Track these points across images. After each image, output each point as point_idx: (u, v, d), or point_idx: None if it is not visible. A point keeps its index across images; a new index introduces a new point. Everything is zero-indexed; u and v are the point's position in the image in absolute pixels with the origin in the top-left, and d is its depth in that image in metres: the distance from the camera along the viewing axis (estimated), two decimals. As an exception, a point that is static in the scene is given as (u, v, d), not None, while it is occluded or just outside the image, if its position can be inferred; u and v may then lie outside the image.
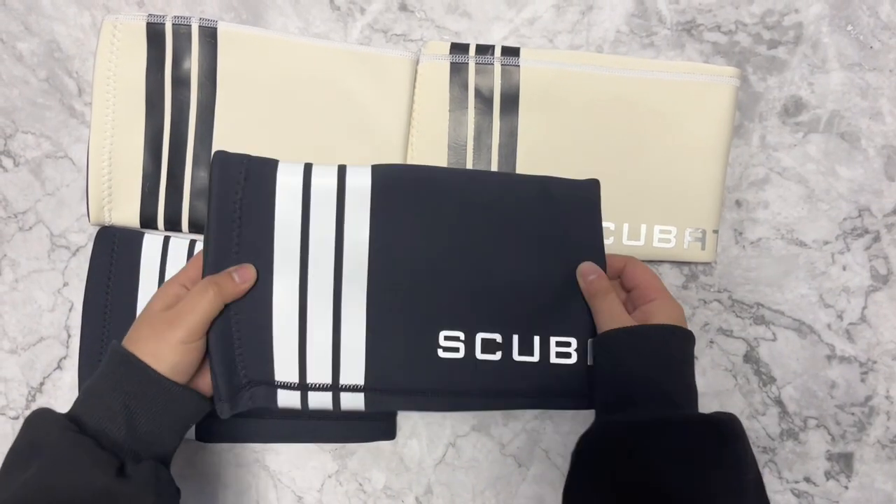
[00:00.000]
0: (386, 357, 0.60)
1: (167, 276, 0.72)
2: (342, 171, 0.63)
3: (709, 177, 0.72)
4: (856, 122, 0.75)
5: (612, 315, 0.60)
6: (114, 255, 0.72)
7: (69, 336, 0.74)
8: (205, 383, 0.60)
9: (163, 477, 0.54)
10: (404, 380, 0.61)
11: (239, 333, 0.59)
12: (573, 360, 0.62)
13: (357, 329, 0.60)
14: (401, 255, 0.62)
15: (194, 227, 0.73)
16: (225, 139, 0.72)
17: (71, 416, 0.54)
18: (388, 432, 0.74)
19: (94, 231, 0.73)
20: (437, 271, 0.62)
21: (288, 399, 0.60)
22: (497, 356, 0.61)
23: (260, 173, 0.62)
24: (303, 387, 0.60)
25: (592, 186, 0.67)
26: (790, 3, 0.75)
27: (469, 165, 0.73)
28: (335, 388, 0.60)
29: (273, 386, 0.60)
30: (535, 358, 0.61)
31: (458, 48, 0.72)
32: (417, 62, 0.73)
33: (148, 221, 0.72)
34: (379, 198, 0.62)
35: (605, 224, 0.72)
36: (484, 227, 0.63)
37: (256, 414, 0.72)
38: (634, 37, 0.75)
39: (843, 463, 0.75)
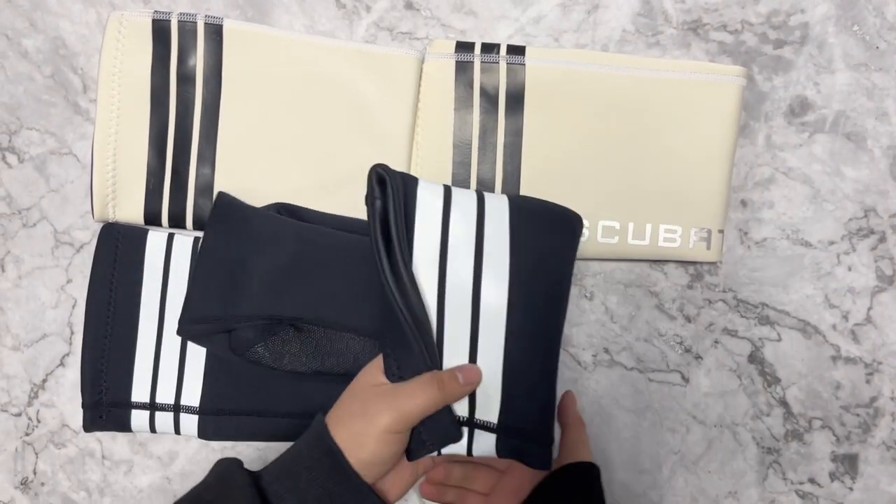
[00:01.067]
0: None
1: (171, 274, 0.72)
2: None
3: (714, 176, 0.72)
4: (862, 122, 0.75)
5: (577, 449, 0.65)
6: (118, 251, 0.72)
7: (72, 333, 0.74)
8: (391, 486, 0.60)
9: None
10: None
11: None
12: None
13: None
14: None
15: (198, 225, 0.72)
16: (229, 136, 0.72)
17: (261, 489, 0.54)
18: None
19: (97, 228, 0.73)
20: None
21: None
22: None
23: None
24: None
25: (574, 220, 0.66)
26: (796, 3, 0.75)
27: (474, 164, 0.72)
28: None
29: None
30: None
31: (464, 47, 0.72)
32: (423, 61, 0.73)
33: (152, 218, 0.72)
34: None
35: (610, 223, 0.72)
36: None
37: (259, 412, 0.71)
38: (640, 36, 0.75)
39: (848, 464, 0.75)
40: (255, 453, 0.74)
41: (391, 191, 0.58)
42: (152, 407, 0.71)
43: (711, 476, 0.75)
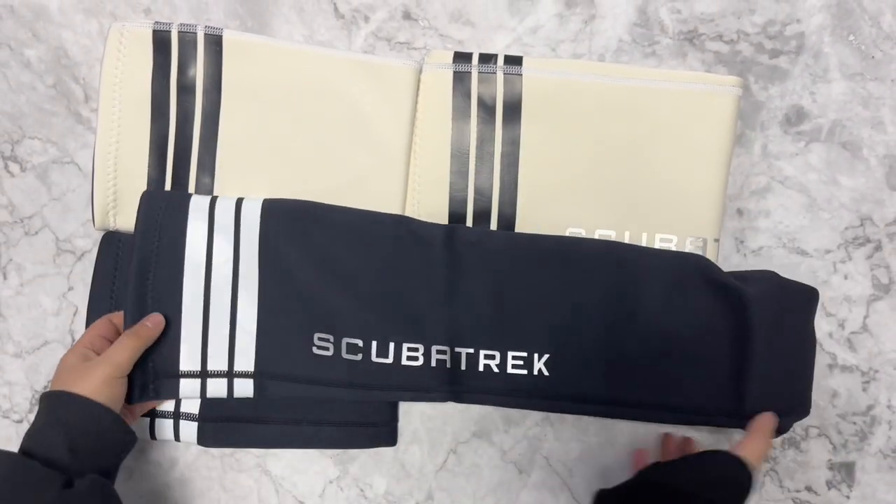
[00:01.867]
0: (272, 349, 0.69)
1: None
2: (238, 204, 0.71)
3: (710, 185, 0.72)
4: (857, 131, 0.75)
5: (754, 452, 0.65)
6: (118, 259, 0.72)
7: (73, 340, 0.75)
8: (132, 418, 0.69)
9: (106, 487, 0.61)
10: (284, 369, 0.69)
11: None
12: (418, 362, 0.70)
13: (250, 325, 0.69)
14: (285, 268, 0.70)
15: (198, 233, 0.73)
16: (229, 146, 0.72)
17: (26, 453, 0.60)
18: (390, 439, 0.74)
19: (99, 236, 0.73)
20: (316, 285, 0.70)
21: (188, 388, 0.69)
22: (358, 357, 0.69)
23: (174, 219, 0.70)
24: (203, 374, 0.69)
25: None
26: (792, 13, 0.75)
27: (471, 174, 0.73)
28: (230, 374, 0.69)
29: (176, 377, 0.69)
30: (389, 360, 0.70)
31: (461, 57, 0.73)
32: (420, 71, 0.73)
33: (152, 227, 0.73)
34: (266, 228, 0.70)
35: (606, 232, 0.73)
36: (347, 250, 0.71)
37: (258, 419, 0.72)
38: (637, 46, 0.75)
39: (845, 472, 0.75)
40: (254, 459, 0.75)
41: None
42: (152, 414, 0.72)
43: (708, 484, 0.75)
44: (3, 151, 0.75)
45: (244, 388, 0.69)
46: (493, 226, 0.73)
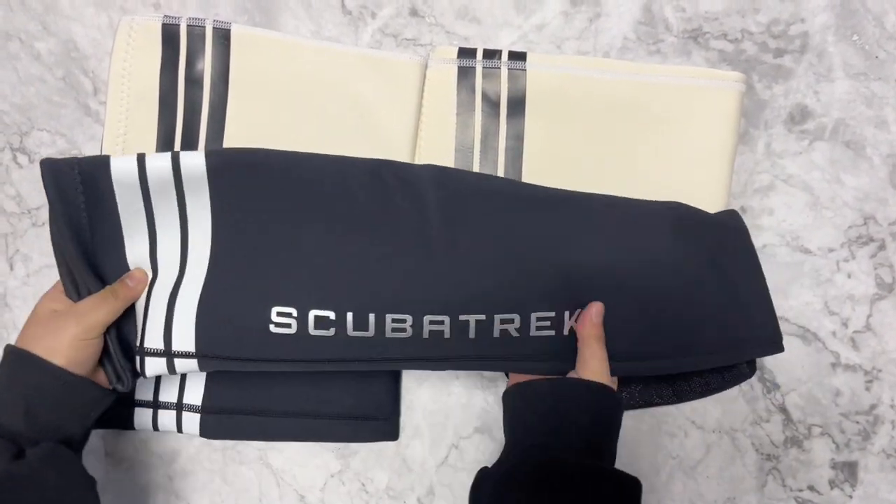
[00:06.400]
0: (215, 329, 0.62)
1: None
2: (175, 157, 0.62)
3: (714, 181, 0.73)
4: (861, 130, 0.76)
5: (595, 366, 0.62)
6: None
7: (78, 331, 0.75)
8: (104, 378, 0.63)
9: (63, 455, 0.57)
10: (231, 351, 0.62)
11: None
12: (405, 334, 0.62)
13: (191, 301, 0.62)
14: (240, 235, 0.64)
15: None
16: (235, 139, 0.73)
17: None
18: (392, 433, 0.74)
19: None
20: (279, 250, 0.63)
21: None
22: (331, 332, 0.62)
23: (93, 176, 0.61)
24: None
25: None
26: (796, 12, 0.76)
27: (476, 168, 0.73)
28: (168, 353, 0.62)
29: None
30: (370, 333, 0.62)
31: (466, 52, 0.74)
32: (426, 66, 0.74)
33: (158, 218, 0.73)
34: (216, 181, 0.63)
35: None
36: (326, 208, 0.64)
37: (261, 411, 0.72)
38: (641, 44, 0.76)
39: (848, 472, 0.75)
40: (255, 452, 0.75)
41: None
42: (155, 405, 0.72)
43: (710, 481, 0.75)
44: (11, 143, 0.76)
45: (186, 367, 0.62)
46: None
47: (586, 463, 0.57)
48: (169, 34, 0.72)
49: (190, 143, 0.73)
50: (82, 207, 0.61)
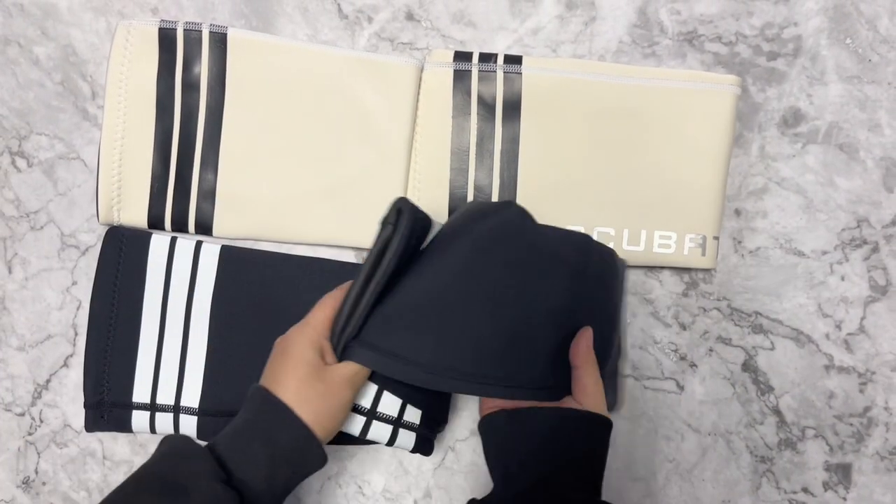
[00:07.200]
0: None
1: (173, 276, 0.73)
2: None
3: (710, 182, 0.73)
4: (854, 133, 0.76)
5: (591, 393, 0.61)
6: (121, 255, 0.73)
7: (76, 334, 0.76)
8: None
9: None
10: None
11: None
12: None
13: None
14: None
15: (200, 229, 0.74)
16: (232, 142, 0.73)
17: (217, 456, 0.55)
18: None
19: (103, 231, 0.74)
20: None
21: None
22: None
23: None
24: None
25: None
26: (790, 16, 0.76)
27: (471, 171, 0.74)
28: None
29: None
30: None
31: (462, 56, 0.74)
32: (422, 69, 0.74)
33: (155, 222, 0.74)
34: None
35: (605, 229, 0.73)
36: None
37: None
38: (636, 47, 0.76)
39: (842, 474, 0.75)
40: (252, 454, 0.75)
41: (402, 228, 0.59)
42: (153, 408, 0.72)
43: (705, 484, 0.76)
44: (10, 147, 0.76)
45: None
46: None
47: (596, 500, 0.58)
48: (166, 38, 0.73)
49: (187, 147, 0.73)
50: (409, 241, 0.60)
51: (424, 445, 0.71)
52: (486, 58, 0.74)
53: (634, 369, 0.76)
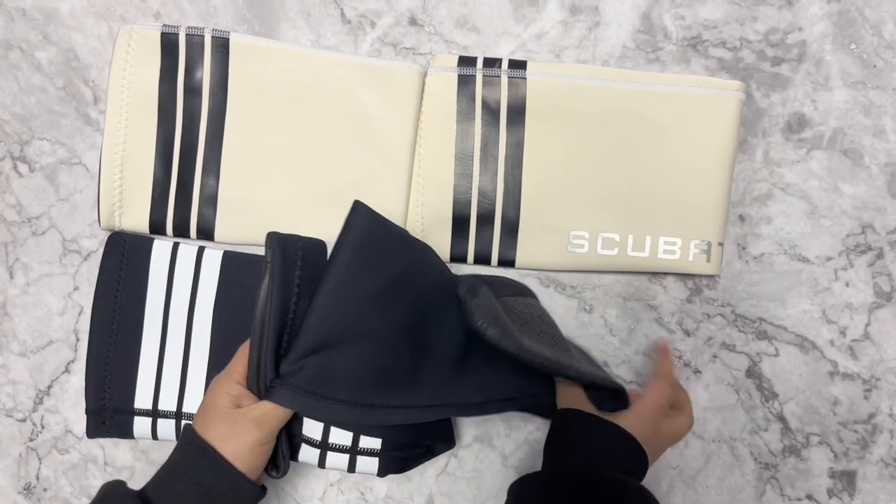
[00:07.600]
0: None
1: (175, 282, 0.73)
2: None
3: (714, 188, 0.73)
4: (859, 139, 0.76)
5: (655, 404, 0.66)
6: (123, 260, 0.73)
7: (78, 340, 0.76)
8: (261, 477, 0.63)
9: None
10: None
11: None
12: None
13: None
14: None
15: (202, 234, 0.74)
16: (234, 147, 0.73)
17: (146, 500, 0.57)
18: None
19: (105, 236, 0.74)
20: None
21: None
22: None
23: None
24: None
25: None
26: (794, 21, 0.76)
27: (476, 176, 0.73)
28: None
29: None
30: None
31: (466, 61, 0.74)
32: (426, 74, 0.74)
33: (157, 227, 0.73)
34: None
35: (610, 235, 0.73)
36: None
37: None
38: (640, 52, 0.76)
39: (846, 481, 0.75)
40: (255, 461, 0.75)
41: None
42: (154, 414, 0.72)
43: (709, 491, 0.75)
44: (12, 152, 0.76)
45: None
46: (497, 228, 0.74)
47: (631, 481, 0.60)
48: (168, 43, 0.73)
49: (189, 152, 0.73)
50: (295, 289, 0.62)
51: (395, 466, 0.71)
52: (491, 62, 0.73)
53: (638, 375, 0.76)
